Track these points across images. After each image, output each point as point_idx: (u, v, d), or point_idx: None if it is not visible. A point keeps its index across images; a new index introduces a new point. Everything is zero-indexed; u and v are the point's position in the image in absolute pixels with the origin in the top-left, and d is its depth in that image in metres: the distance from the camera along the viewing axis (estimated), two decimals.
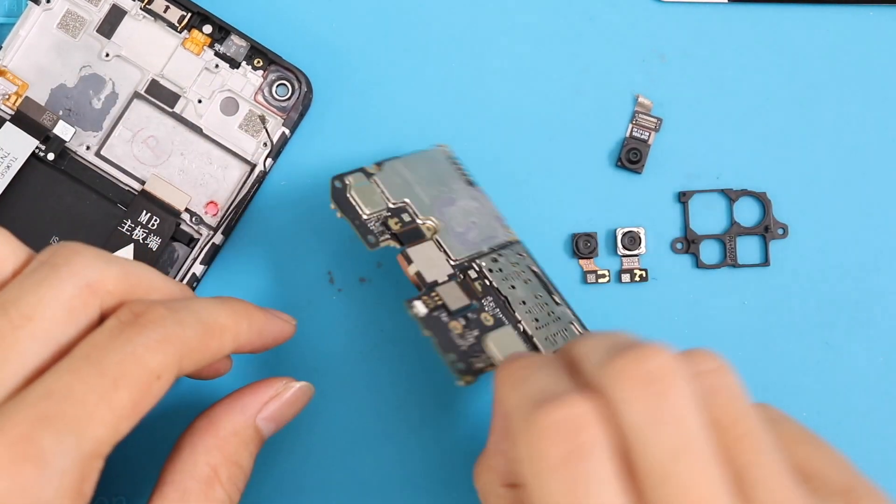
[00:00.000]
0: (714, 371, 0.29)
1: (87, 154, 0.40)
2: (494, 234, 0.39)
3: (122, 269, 0.32)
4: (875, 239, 0.41)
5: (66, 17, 0.40)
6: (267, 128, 0.40)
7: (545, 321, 0.38)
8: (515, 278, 0.39)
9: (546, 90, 0.41)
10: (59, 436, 0.28)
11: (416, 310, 0.36)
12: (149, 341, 0.30)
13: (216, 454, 0.34)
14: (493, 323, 0.37)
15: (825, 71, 0.42)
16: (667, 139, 0.41)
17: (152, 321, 0.31)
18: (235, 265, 0.41)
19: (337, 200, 0.37)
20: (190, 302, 0.33)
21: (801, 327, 0.41)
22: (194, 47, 0.40)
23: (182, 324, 0.31)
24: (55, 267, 0.31)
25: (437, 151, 0.40)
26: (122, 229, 0.39)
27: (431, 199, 0.39)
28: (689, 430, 0.27)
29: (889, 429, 0.41)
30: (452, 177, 0.40)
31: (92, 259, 0.31)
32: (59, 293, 0.30)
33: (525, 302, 0.38)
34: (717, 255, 0.41)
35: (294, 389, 0.36)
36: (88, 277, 0.31)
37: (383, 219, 0.38)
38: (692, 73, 0.41)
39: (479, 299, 0.38)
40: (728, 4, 0.42)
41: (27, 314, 0.30)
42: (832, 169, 0.41)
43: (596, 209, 0.41)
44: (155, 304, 0.31)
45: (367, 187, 0.38)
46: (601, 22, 0.42)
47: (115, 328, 0.30)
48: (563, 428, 0.27)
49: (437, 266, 0.38)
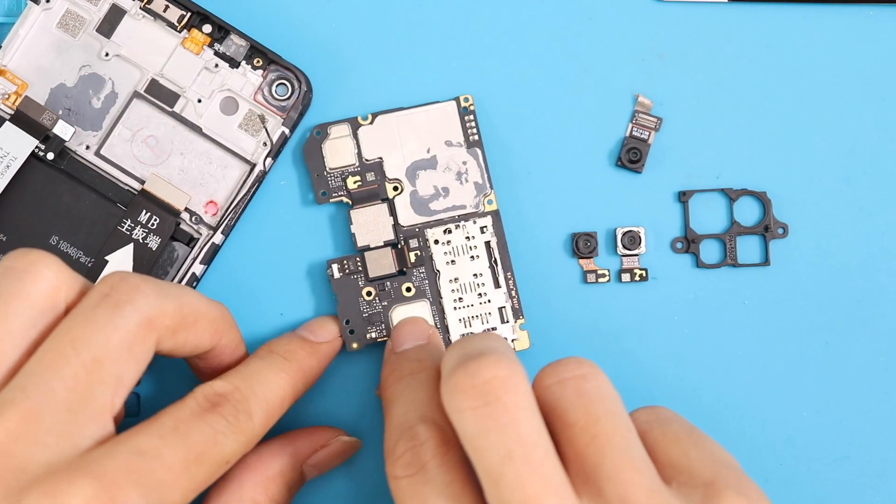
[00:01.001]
0: (579, 377, 0.32)
1: (87, 153, 0.40)
2: (465, 203, 0.40)
3: (177, 302, 0.34)
4: (875, 238, 0.41)
5: (65, 17, 0.40)
6: (267, 127, 0.40)
7: (470, 301, 0.40)
8: (462, 253, 0.39)
9: (546, 90, 0.41)
10: (145, 492, 0.30)
11: (330, 272, 0.39)
12: (228, 430, 0.33)
13: (261, 491, 0.37)
14: (413, 294, 0.39)
15: (825, 71, 0.42)
16: (667, 139, 0.41)
17: (229, 413, 0.34)
18: (235, 265, 0.41)
19: (307, 148, 0.39)
20: (256, 386, 0.35)
21: (802, 327, 0.41)
22: (194, 47, 0.40)
23: (251, 416, 0.34)
24: (119, 305, 0.32)
25: (450, 105, 0.40)
26: (122, 229, 0.39)
27: (411, 158, 0.39)
28: (519, 434, 0.30)
29: (889, 429, 0.41)
30: (453, 134, 0.40)
31: (153, 295, 0.33)
32: (124, 334, 0.32)
33: (457, 279, 0.39)
34: (718, 254, 0.41)
35: (344, 441, 0.39)
36: (149, 314, 0.33)
37: (346, 175, 0.39)
38: (692, 72, 0.41)
39: (408, 269, 0.39)
40: (728, 4, 0.42)
41: (97, 357, 0.31)
42: (832, 169, 0.41)
43: (596, 209, 0.41)
44: (226, 396, 0.34)
45: (344, 140, 0.39)
46: (601, 22, 0.41)
47: (198, 408, 0.33)
48: (408, 459, 0.32)
49: (378, 231, 0.39)
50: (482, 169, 0.40)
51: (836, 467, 0.41)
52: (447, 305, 0.40)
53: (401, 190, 0.40)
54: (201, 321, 0.35)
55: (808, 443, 0.41)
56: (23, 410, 0.30)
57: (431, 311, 0.40)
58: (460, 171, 0.40)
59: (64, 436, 0.30)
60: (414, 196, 0.40)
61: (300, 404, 0.39)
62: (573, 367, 0.32)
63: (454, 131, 0.40)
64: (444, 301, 0.40)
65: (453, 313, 0.39)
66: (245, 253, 0.41)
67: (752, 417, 0.41)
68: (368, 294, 0.39)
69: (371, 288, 0.39)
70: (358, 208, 0.40)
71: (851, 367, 0.41)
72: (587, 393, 0.31)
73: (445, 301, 0.40)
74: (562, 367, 0.32)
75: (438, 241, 0.40)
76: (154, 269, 0.40)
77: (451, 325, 0.40)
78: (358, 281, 0.40)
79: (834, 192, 0.41)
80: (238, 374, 0.35)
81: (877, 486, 0.41)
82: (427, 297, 0.40)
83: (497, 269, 0.40)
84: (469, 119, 0.40)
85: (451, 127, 0.40)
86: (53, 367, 0.31)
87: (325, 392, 0.41)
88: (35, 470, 0.30)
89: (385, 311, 0.39)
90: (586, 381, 0.32)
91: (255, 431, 0.34)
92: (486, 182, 0.40)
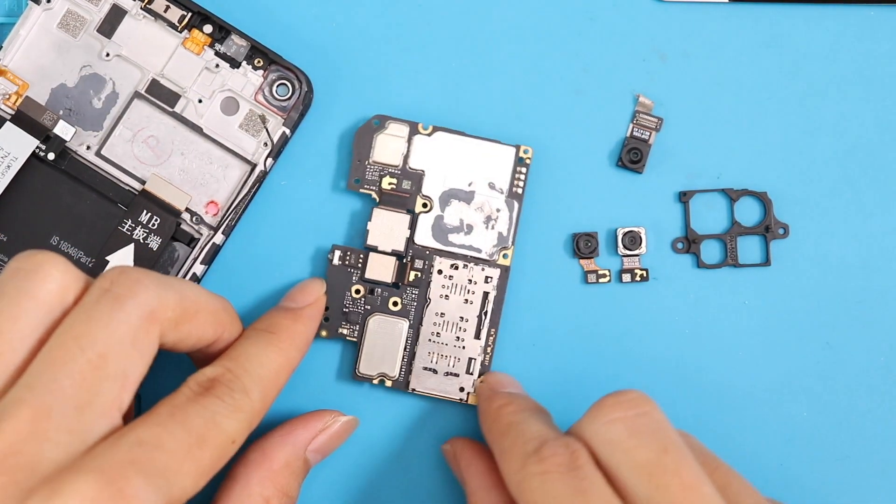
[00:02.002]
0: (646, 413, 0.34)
1: (88, 154, 0.40)
2: (482, 248, 0.40)
3: (178, 294, 0.34)
4: (876, 239, 0.41)
5: (66, 17, 0.40)
6: (267, 127, 0.40)
7: (446, 340, 0.40)
8: (459, 293, 0.39)
9: (547, 90, 0.41)
10: (150, 479, 0.30)
11: (331, 256, 0.39)
12: (225, 410, 0.33)
13: (269, 486, 0.37)
14: (397, 310, 0.40)
15: (825, 71, 0.42)
16: (667, 139, 0.41)
17: (224, 394, 0.34)
18: (235, 265, 0.41)
19: (360, 133, 0.39)
20: (246, 363, 0.35)
21: (802, 327, 0.41)
22: (194, 47, 0.40)
23: (247, 392, 0.34)
24: (119, 299, 0.32)
25: (509, 150, 0.40)
26: (123, 229, 0.39)
27: (451, 184, 0.39)
28: (669, 433, 0.33)
29: (889, 429, 0.41)
30: (500, 179, 0.40)
31: (153, 288, 0.33)
32: (127, 328, 0.32)
33: (444, 314, 0.40)
34: (718, 254, 0.41)
35: (342, 423, 0.39)
36: (151, 306, 0.33)
37: (385, 173, 0.39)
38: (693, 72, 0.41)
39: (403, 285, 0.39)
40: (728, 4, 0.42)
41: (102, 353, 0.32)
42: (833, 169, 0.41)
43: (596, 209, 0.41)
44: (217, 379, 0.34)
45: (398, 140, 0.39)
46: (601, 22, 0.41)
47: (191, 394, 0.33)
48: (561, 459, 0.33)
49: (391, 238, 0.39)
50: (511, 222, 0.40)
51: (836, 467, 0.41)
52: (423, 334, 0.40)
53: (429, 209, 0.40)
54: (202, 313, 0.35)
55: (808, 443, 0.41)
56: (32, 409, 0.30)
57: (407, 333, 0.40)
58: (490, 217, 0.40)
59: (73, 433, 0.31)
60: (438, 220, 0.40)
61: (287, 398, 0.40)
62: (642, 403, 0.34)
63: (502, 177, 0.40)
64: (423, 329, 0.40)
65: (426, 344, 0.40)
66: (245, 253, 0.41)
67: (753, 417, 0.41)
68: (357, 292, 0.40)
69: (361, 287, 0.40)
70: (382, 209, 0.40)
71: (852, 367, 0.41)
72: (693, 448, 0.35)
73: (424, 329, 0.40)
74: (622, 410, 0.34)
75: (442, 272, 0.40)
76: (154, 270, 0.39)
77: (419, 354, 0.40)
78: (353, 276, 0.40)
79: (834, 192, 0.41)
80: (227, 357, 0.36)
81: (877, 486, 0.41)
82: (409, 317, 0.40)
83: (484, 321, 0.40)
84: (521, 170, 0.40)
85: (500, 171, 0.40)
86: (60, 365, 0.31)
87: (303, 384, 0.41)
88: (45, 468, 0.30)
89: (365, 314, 0.40)
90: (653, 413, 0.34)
91: (254, 408, 0.34)
92: (510, 235, 0.40)
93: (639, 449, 0.33)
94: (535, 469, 0.33)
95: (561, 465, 0.33)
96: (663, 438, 0.33)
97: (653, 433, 0.33)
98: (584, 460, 0.33)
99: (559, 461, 0.33)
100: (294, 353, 0.37)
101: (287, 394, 0.40)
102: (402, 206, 0.40)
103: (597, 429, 0.34)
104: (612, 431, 0.33)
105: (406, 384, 0.40)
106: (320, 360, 0.41)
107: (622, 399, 0.34)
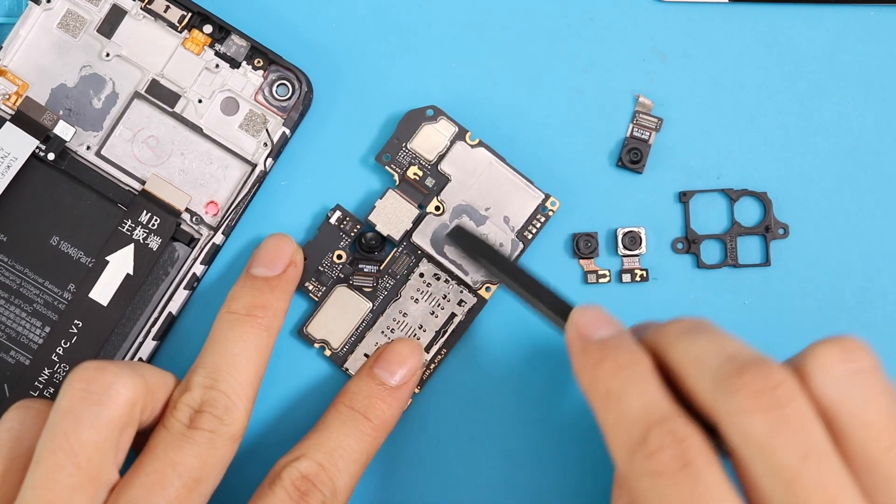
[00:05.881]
0: (869, 370, 0.31)
1: (88, 154, 0.40)
2: (467, 273, 0.40)
3: (143, 379, 0.35)
4: (876, 239, 0.41)
5: (66, 17, 0.40)
6: (267, 128, 0.40)
7: (396, 338, 0.40)
8: (429, 302, 0.40)
9: (546, 90, 0.41)
10: None
11: (330, 214, 0.40)
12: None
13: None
14: (368, 291, 0.40)
15: (825, 71, 0.42)
16: (667, 139, 0.41)
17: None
18: (235, 265, 0.41)
19: (411, 115, 0.40)
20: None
21: (802, 327, 0.41)
22: (194, 47, 0.40)
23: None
24: (101, 401, 0.34)
25: (538, 195, 0.40)
26: (123, 229, 0.39)
27: (468, 201, 0.39)
28: (813, 437, 0.30)
29: None
30: (516, 217, 0.40)
31: (127, 380, 0.34)
32: (110, 425, 0.34)
33: (406, 315, 0.40)
34: (718, 255, 0.41)
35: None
36: (127, 398, 0.34)
37: (415, 162, 0.40)
38: (692, 72, 0.41)
39: (381, 270, 0.40)
40: (728, 4, 0.42)
41: (90, 461, 0.33)
42: (833, 169, 0.41)
43: (596, 209, 0.41)
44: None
45: (441, 137, 0.40)
46: (601, 22, 0.42)
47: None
48: (669, 455, 0.30)
49: (392, 224, 0.40)
50: (508, 269, 0.40)
51: None
52: (380, 324, 0.40)
53: (440, 214, 0.40)
54: (160, 391, 0.36)
55: None
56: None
57: (364, 316, 0.40)
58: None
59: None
60: (442, 228, 0.40)
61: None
62: (859, 356, 0.31)
63: (519, 216, 0.40)
64: (382, 319, 0.40)
65: (377, 334, 0.40)
66: (245, 253, 0.41)
67: None
68: (339, 257, 0.40)
69: (344, 254, 0.40)
70: (396, 192, 0.40)
71: None
72: (882, 389, 0.31)
73: (382, 320, 0.40)
74: (847, 354, 0.31)
75: (423, 276, 0.40)
76: (155, 270, 0.40)
77: (366, 339, 0.40)
78: (341, 240, 0.40)
79: (834, 192, 0.41)
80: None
81: None
82: (373, 302, 0.40)
83: (438, 339, 0.40)
84: (539, 218, 0.40)
85: (520, 210, 0.40)
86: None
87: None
88: None
89: (336, 281, 0.40)
90: (876, 374, 0.31)
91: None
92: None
93: (779, 451, 0.30)
94: (644, 467, 0.30)
95: (671, 463, 0.30)
96: (807, 441, 0.30)
97: (797, 431, 0.30)
98: (696, 452, 0.30)
99: (668, 457, 0.30)
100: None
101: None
102: (416, 199, 0.40)
103: (732, 409, 0.31)
104: (752, 423, 0.30)
105: (343, 361, 0.40)
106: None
107: (765, 385, 0.31)
